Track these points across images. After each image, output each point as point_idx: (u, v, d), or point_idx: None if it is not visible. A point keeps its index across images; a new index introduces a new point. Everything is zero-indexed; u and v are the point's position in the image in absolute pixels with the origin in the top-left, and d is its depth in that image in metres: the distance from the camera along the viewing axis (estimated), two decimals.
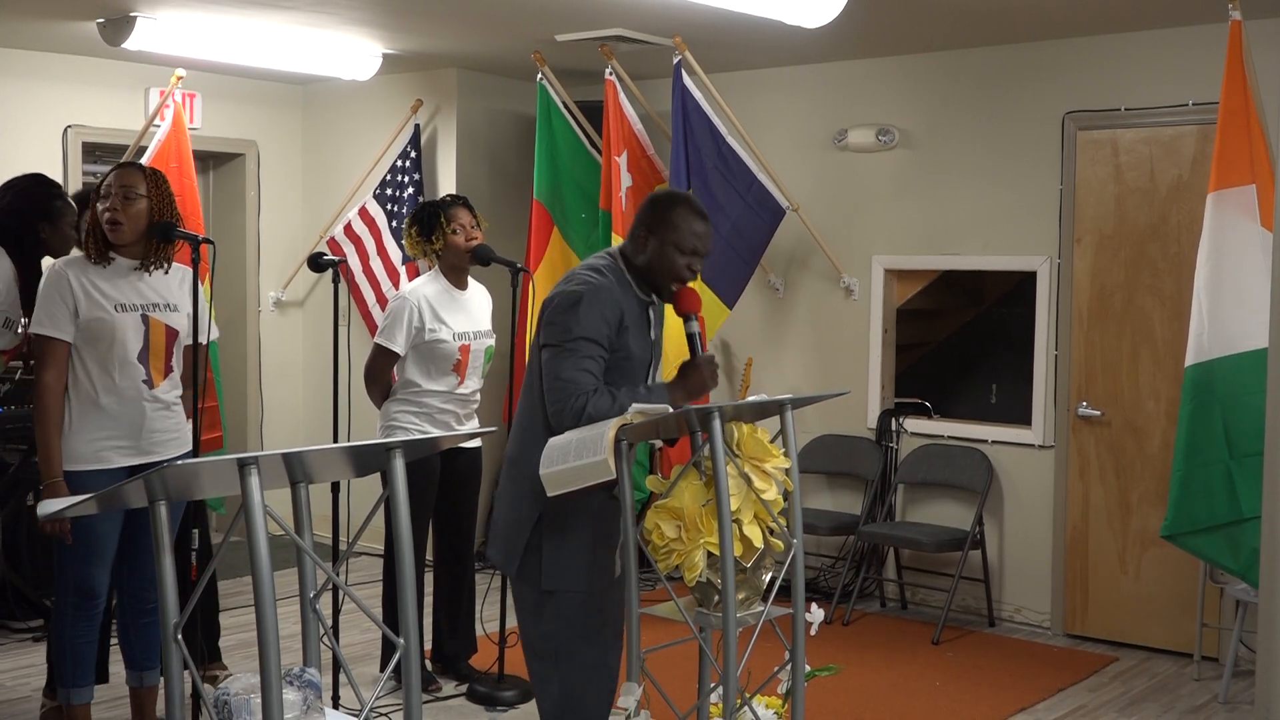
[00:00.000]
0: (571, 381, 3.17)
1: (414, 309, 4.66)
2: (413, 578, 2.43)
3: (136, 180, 3.93)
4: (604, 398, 3.17)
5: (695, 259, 3.32)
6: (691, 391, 3.29)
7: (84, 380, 3.90)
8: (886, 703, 4.92)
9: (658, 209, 3.34)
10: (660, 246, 3.30)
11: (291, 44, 6.06)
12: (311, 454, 2.35)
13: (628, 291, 3.32)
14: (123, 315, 3.91)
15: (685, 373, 3.31)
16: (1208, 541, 4.63)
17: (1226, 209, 4.61)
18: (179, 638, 2.26)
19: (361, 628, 5.64)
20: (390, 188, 6.88)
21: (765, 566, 3.11)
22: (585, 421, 3.13)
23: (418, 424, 4.71)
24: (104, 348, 3.89)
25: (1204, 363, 4.59)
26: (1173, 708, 4.94)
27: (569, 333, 3.20)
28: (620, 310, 3.25)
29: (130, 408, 3.94)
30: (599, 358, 3.21)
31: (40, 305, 3.89)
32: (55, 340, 3.86)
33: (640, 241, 3.33)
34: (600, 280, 3.28)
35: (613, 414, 3.12)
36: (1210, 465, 4.59)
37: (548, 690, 3.37)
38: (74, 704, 4.02)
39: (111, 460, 3.92)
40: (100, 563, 3.95)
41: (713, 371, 3.30)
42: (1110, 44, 5.64)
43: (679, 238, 3.29)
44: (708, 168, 5.84)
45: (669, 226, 3.29)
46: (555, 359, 3.21)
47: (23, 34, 6.02)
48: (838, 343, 6.47)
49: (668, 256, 3.29)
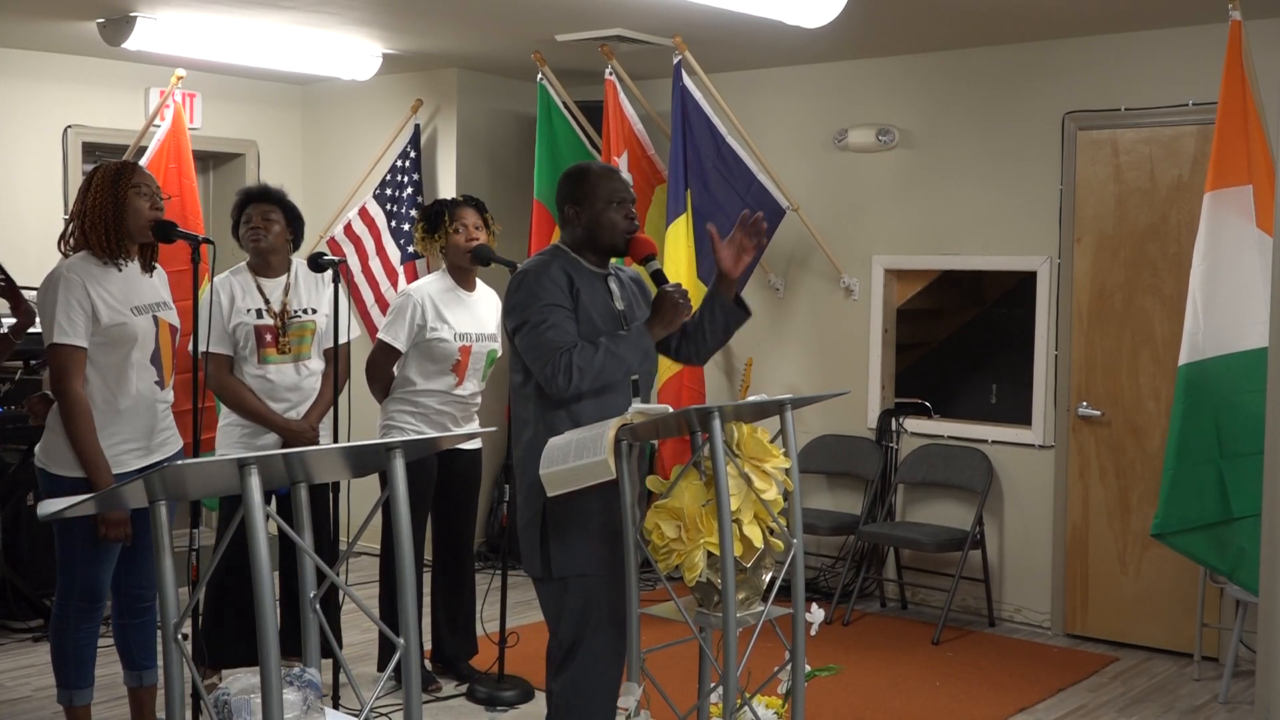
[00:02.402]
0: (550, 344, 3.29)
1: (417, 306, 4.67)
2: (413, 578, 2.43)
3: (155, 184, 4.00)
4: (586, 349, 3.29)
5: (628, 207, 3.47)
6: (666, 321, 3.40)
7: (100, 385, 3.85)
8: (886, 703, 4.92)
9: (571, 182, 3.51)
10: (592, 212, 3.44)
11: (291, 44, 6.06)
12: (311, 454, 2.35)
13: (575, 268, 3.44)
14: (139, 318, 3.90)
15: (656, 305, 3.42)
16: (1196, 541, 4.65)
17: (1223, 209, 4.61)
18: (179, 638, 2.26)
19: (361, 628, 5.64)
20: (390, 188, 6.88)
21: (765, 566, 3.11)
22: (576, 374, 3.25)
23: (414, 424, 4.71)
24: (124, 352, 3.86)
25: (1197, 362, 4.60)
26: (1173, 708, 4.94)
27: (529, 308, 3.34)
28: (568, 277, 3.39)
29: (145, 410, 3.94)
30: (568, 317, 3.34)
31: (59, 313, 3.77)
32: (78, 349, 3.79)
33: (572, 218, 3.47)
34: (541, 259, 3.46)
35: (598, 359, 3.27)
36: (1201, 465, 4.60)
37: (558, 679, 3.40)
38: (75, 705, 4.02)
39: (126, 464, 3.90)
40: (106, 565, 3.95)
41: (683, 296, 3.40)
42: (1110, 44, 5.64)
43: (602, 192, 3.45)
44: (707, 168, 5.84)
45: (585, 187, 3.46)
46: (528, 335, 3.33)
47: (23, 34, 6.02)
48: (838, 343, 6.47)
49: (604, 216, 3.44)
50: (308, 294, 4.62)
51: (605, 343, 3.30)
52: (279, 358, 4.53)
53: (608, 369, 3.30)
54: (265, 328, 4.50)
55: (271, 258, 4.58)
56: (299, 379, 4.58)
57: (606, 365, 3.29)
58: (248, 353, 4.50)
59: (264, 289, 4.55)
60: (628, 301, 3.52)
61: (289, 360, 4.55)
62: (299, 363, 4.57)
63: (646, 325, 3.40)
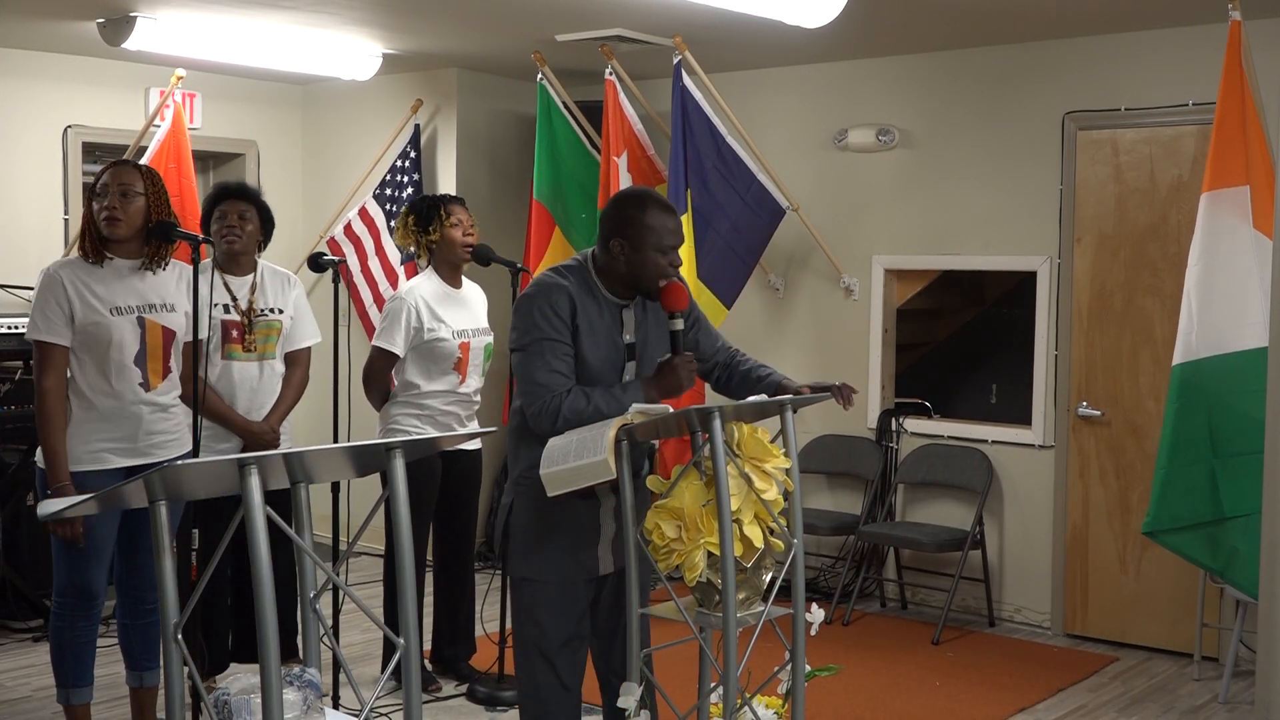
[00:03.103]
0: (544, 385, 3.20)
1: (411, 309, 4.63)
2: (413, 578, 2.43)
3: (134, 178, 3.92)
4: (578, 398, 3.19)
5: (674, 254, 3.29)
6: (667, 390, 3.27)
7: (81, 383, 3.89)
8: (886, 703, 4.92)
9: (625, 211, 3.27)
10: (637, 251, 3.24)
11: (291, 44, 6.06)
12: (311, 454, 2.35)
13: (590, 294, 3.28)
14: (119, 319, 3.89)
15: (661, 371, 3.30)
16: (1188, 539, 4.68)
17: (1219, 210, 4.63)
18: (179, 638, 2.25)
19: (361, 628, 5.64)
20: (390, 188, 6.88)
21: (765, 566, 3.11)
22: (561, 422, 3.16)
23: (419, 427, 4.67)
24: (100, 352, 3.88)
25: (1191, 362, 4.62)
26: (1173, 708, 4.94)
27: (528, 335, 3.23)
28: (571, 308, 3.22)
29: (127, 411, 3.93)
30: (565, 355, 3.22)
31: (36, 310, 3.86)
32: (53, 345, 3.84)
33: (615, 248, 3.26)
34: (554, 280, 3.27)
35: (588, 413, 3.16)
36: (1194, 464, 4.63)
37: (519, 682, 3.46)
38: (74, 704, 4.02)
39: (109, 461, 3.91)
40: (98, 563, 3.95)
41: (690, 371, 3.26)
42: (1110, 44, 5.64)
43: (656, 239, 3.24)
44: (707, 168, 5.83)
45: (642, 228, 3.24)
46: (524, 362, 3.25)
47: (23, 34, 6.02)
48: (838, 343, 6.47)
49: (649, 259, 3.25)
50: (274, 294, 4.57)
51: (598, 400, 3.19)
52: (243, 355, 4.46)
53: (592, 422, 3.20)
54: (232, 323, 4.45)
55: (242, 257, 4.53)
56: (263, 378, 4.52)
57: (593, 421, 3.18)
58: (211, 348, 4.39)
59: (230, 286, 4.50)
60: (643, 332, 3.39)
61: (253, 359, 4.48)
62: (264, 361, 4.51)
63: (644, 384, 3.28)
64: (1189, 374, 4.62)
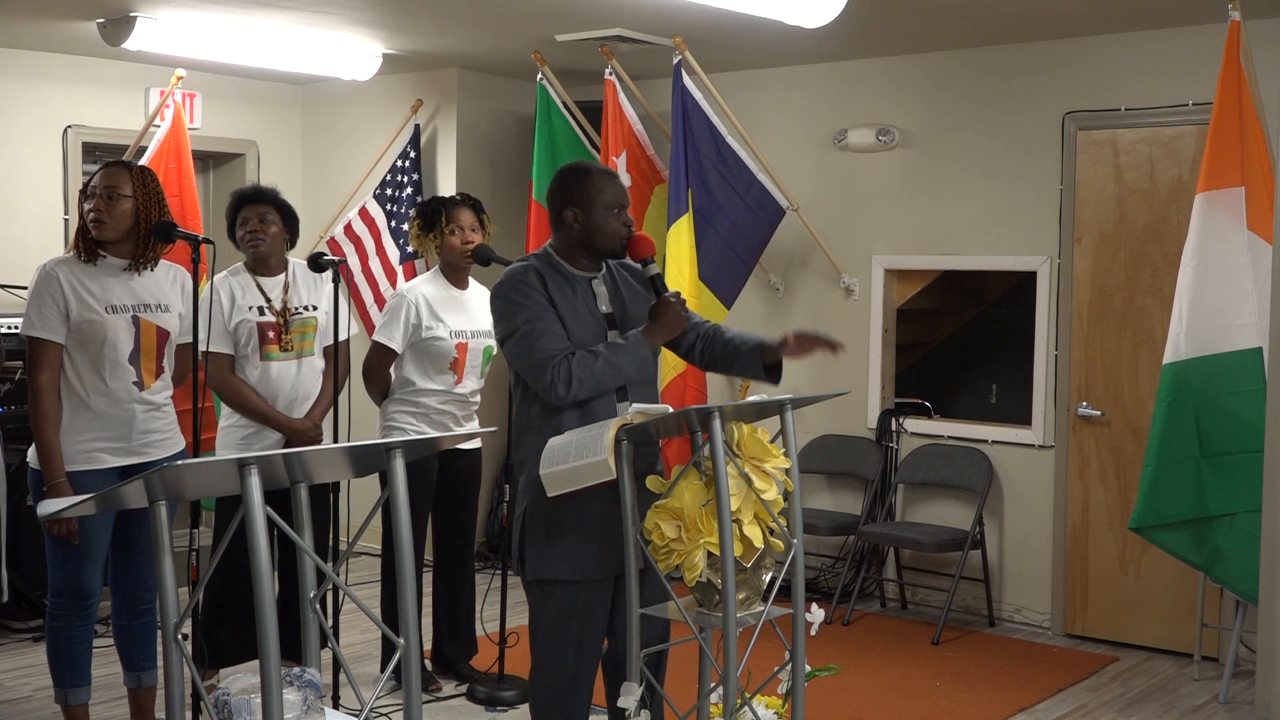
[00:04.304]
0: (545, 354, 3.26)
1: (411, 306, 4.67)
2: (413, 578, 2.43)
3: (121, 180, 3.93)
4: (584, 356, 3.27)
5: (624, 212, 3.42)
6: (666, 329, 3.38)
7: (75, 381, 3.90)
8: (886, 703, 4.92)
9: (571, 180, 3.43)
10: (590, 213, 3.38)
11: (291, 44, 6.06)
12: (311, 454, 2.35)
13: (558, 271, 3.40)
14: (114, 316, 3.90)
15: (655, 314, 3.39)
16: (1174, 536, 4.75)
17: (1214, 210, 4.64)
18: (179, 638, 2.26)
19: (361, 628, 5.64)
20: (390, 188, 6.88)
21: (765, 566, 3.11)
22: (576, 383, 3.23)
23: (415, 424, 4.70)
24: (95, 349, 3.88)
25: (1181, 361, 4.64)
26: (1173, 708, 4.94)
27: (513, 319, 3.31)
28: (542, 282, 3.35)
29: (121, 410, 3.94)
30: (553, 322, 3.30)
31: (31, 307, 3.87)
32: (48, 342, 3.85)
33: (569, 217, 3.40)
34: (519, 266, 3.41)
35: (597, 369, 3.25)
36: (1181, 462, 4.68)
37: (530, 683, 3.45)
38: (71, 704, 4.02)
39: (102, 460, 3.92)
40: (92, 562, 3.94)
41: (681, 305, 3.39)
42: (1110, 44, 5.64)
43: (605, 198, 3.39)
44: (707, 168, 5.83)
45: (591, 189, 3.39)
46: (518, 345, 3.31)
47: (23, 34, 6.02)
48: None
49: (602, 219, 3.39)
50: (307, 291, 4.61)
51: (604, 353, 3.28)
52: (281, 355, 4.51)
53: (606, 380, 3.29)
54: (268, 325, 4.49)
55: (271, 259, 4.57)
56: (302, 376, 4.56)
57: (605, 376, 3.28)
58: (249, 351, 4.47)
59: (264, 287, 4.54)
60: (619, 300, 3.47)
61: (292, 357, 4.53)
62: (302, 359, 4.56)
63: (645, 333, 3.36)
64: (1179, 373, 4.66)
